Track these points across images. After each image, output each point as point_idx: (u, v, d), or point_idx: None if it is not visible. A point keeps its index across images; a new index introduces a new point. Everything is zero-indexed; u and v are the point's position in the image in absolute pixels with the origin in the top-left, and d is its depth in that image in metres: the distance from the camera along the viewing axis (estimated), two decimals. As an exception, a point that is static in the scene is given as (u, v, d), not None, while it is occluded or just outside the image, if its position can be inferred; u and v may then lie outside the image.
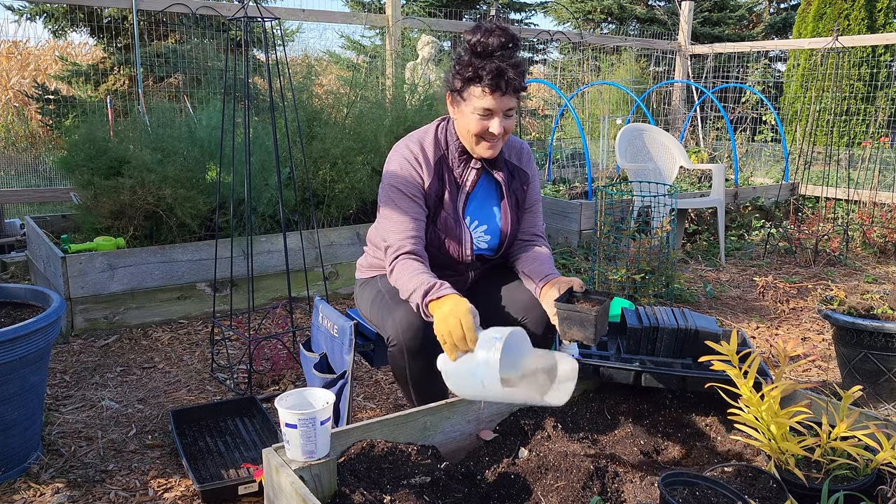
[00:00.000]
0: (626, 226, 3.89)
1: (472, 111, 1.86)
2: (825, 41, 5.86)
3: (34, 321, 1.93)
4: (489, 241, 2.05)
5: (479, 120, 1.86)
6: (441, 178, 1.97)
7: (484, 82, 1.81)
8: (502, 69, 1.80)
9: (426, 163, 1.95)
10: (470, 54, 1.83)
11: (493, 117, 1.86)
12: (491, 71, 1.80)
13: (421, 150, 1.96)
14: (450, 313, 1.64)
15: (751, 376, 1.62)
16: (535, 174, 2.12)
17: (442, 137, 1.99)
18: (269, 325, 3.33)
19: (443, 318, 1.64)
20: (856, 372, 2.51)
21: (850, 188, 6.02)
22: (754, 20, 15.47)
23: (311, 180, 3.72)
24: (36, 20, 7.89)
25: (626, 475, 1.67)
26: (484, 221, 2.04)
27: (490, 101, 1.83)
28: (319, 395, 1.60)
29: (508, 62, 1.81)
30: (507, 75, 1.81)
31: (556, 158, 6.65)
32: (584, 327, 1.73)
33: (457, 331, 1.60)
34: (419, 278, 1.80)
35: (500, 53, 1.81)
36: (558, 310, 1.76)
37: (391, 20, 5.64)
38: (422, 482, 1.59)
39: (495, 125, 1.86)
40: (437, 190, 1.96)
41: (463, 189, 2.00)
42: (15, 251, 4.20)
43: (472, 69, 1.82)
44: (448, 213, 1.97)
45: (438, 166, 1.97)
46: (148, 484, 2.03)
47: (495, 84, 1.81)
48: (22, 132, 8.66)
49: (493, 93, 1.82)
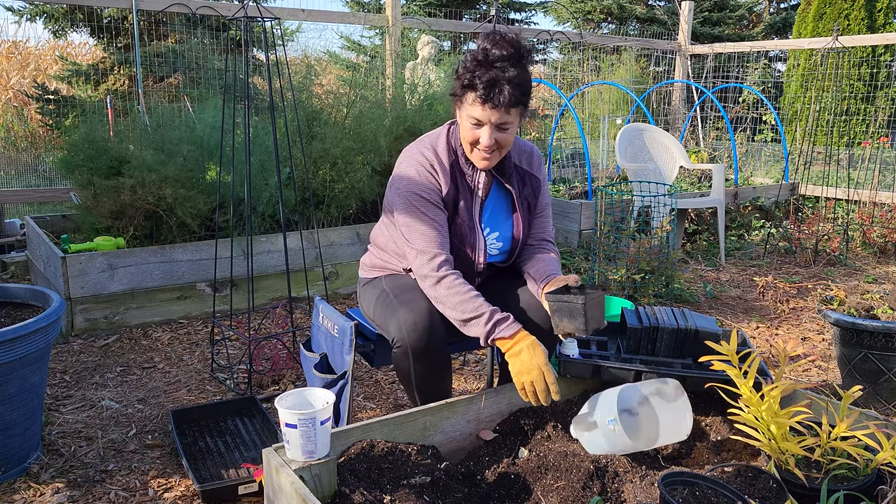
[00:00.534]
0: (626, 226, 3.89)
1: (466, 118, 1.84)
2: (825, 41, 5.86)
3: (34, 321, 1.93)
4: (500, 248, 2.05)
5: (471, 128, 1.84)
6: (456, 183, 1.94)
7: (477, 91, 1.78)
8: (497, 80, 1.77)
9: (442, 169, 1.92)
10: (473, 61, 1.80)
11: (482, 127, 1.83)
12: (486, 81, 1.77)
13: (436, 157, 1.93)
14: (532, 365, 1.70)
15: (751, 376, 1.62)
16: (545, 178, 2.11)
17: (453, 141, 1.97)
18: (269, 325, 3.33)
19: (525, 369, 1.72)
20: (856, 372, 2.51)
21: (850, 188, 6.02)
22: (754, 20, 15.47)
23: (310, 180, 3.72)
24: (36, 20, 7.89)
25: (626, 475, 1.67)
26: (496, 229, 2.03)
27: (479, 111, 1.80)
28: (319, 395, 1.60)
29: (507, 75, 1.77)
30: (502, 88, 1.77)
31: (556, 158, 6.65)
32: (574, 317, 1.72)
33: (540, 384, 1.72)
34: (477, 303, 1.78)
35: (500, 65, 1.78)
36: (549, 301, 1.77)
37: (391, 20, 5.64)
38: (422, 482, 1.59)
39: (484, 136, 1.83)
40: (454, 196, 1.93)
41: (476, 195, 1.98)
42: (15, 251, 4.20)
43: (469, 76, 1.80)
44: (463, 221, 1.95)
45: (453, 172, 1.94)
46: (148, 484, 2.03)
47: (487, 95, 1.77)
48: (22, 132, 8.66)
49: (485, 103, 1.78)
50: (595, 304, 1.75)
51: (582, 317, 1.70)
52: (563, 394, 2.01)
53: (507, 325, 1.76)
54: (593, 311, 1.74)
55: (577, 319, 1.72)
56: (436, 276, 1.83)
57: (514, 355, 1.75)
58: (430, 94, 4.59)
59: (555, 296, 1.76)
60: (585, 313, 1.70)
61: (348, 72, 6.23)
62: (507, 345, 1.76)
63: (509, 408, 1.95)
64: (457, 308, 1.80)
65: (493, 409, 1.92)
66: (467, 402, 1.87)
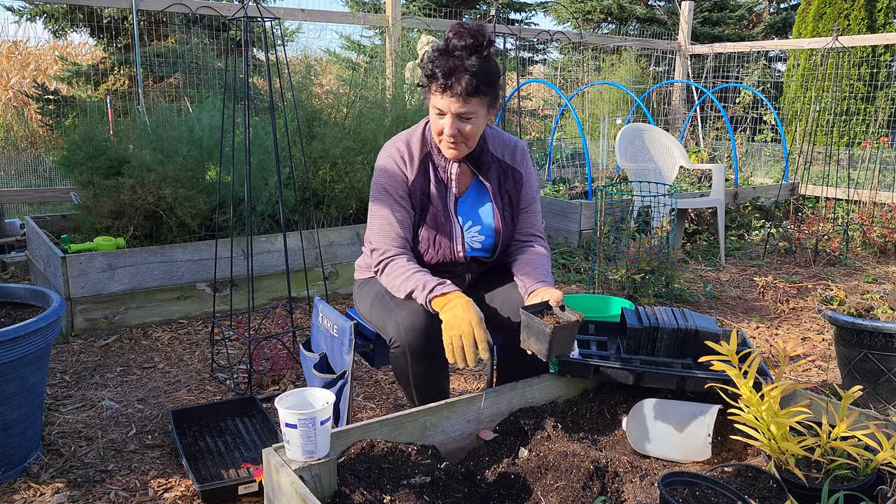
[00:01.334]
0: (626, 226, 3.89)
1: (432, 108, 1.87)
2: (825, 41, 5.86)
3: (34, 321, 1.93)
4: (483, 242, 2.04)
5: (436, 118, 1.87)
6: (426, 174, 1.97)
7: (438, 81, 1.80)
8: (455, 69, 1.78)
9: (410, 159, 1.96)
10: (435, 51, 1.84)
11: (444, 117, 1.85)
12: (445, 70, 1.78)
13: (406, 147, 1.97)
14: (463, 320, 1.69)
15: (751, 376, 1.62)
16: (531, 173, 2.10)
17: (428, 134, 2.00)
18: (269, 325, 3.33)
19: (455, 323, 1.71)
20: (856, 372, 2.51)
21: (850, 188, 6.02)
22: (754, 20, 15.46)
23: (310, 180, 3.72)
24: (36, 20, 7.89)
25: (626, 475, 1.66)
26: (477, 222, 2.04)
27: (439, 100, 1.82)
28: (319, 395, 1.60)
29: (466, 63, 1.78)
30: (460, 77, 1.78)
31: (556, 158, 6.65)
32: (540, 340, 1.71)
33: (468, 339, 1.70)
34: (417, 276, 1.83)
35: (458, 54, 1.80)
36: (521, 315, 1.75)
37: (391, 20, 5.64)
38: (422, 482, 1.59)
39: (446, 126, 1.84)
40: (422, 186, 1.96)
41: (451, 186, 2.00)
42: (15, 251, 4.20)
43: (430, 66, 1.82)
44: (437, 209, 1.97)
45: (423, 163, 1.97)
46: (148, 484, 2.03)
47: (446, 84, 1.79)
48: (22, 132, 8.66)
49: (444, 92, 1.80)
50: (565, 333, 1.71)
51: (547, 342, 1.69)
52: (563, 394, 2.01)
53: (445, 286, 1.79)
54: (561, 339, 1.71)
55: (541, 343, 1.70)
56: (381, 265, 1.90)
57: (447, 311, 1.75)
58: (430, 93, 4.58)
59: (528, 313, 1.74)
60: (550, 340, 1.68)
61: (348, 72, 6.23)
62: (442, 302, 1.77)
63: (509, 408, 1.95)
64: (402, 286, 1.84)
65: (493, 409, 1.92)
66: (467, 402, 1.87)
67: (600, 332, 2.28)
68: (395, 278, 1.87)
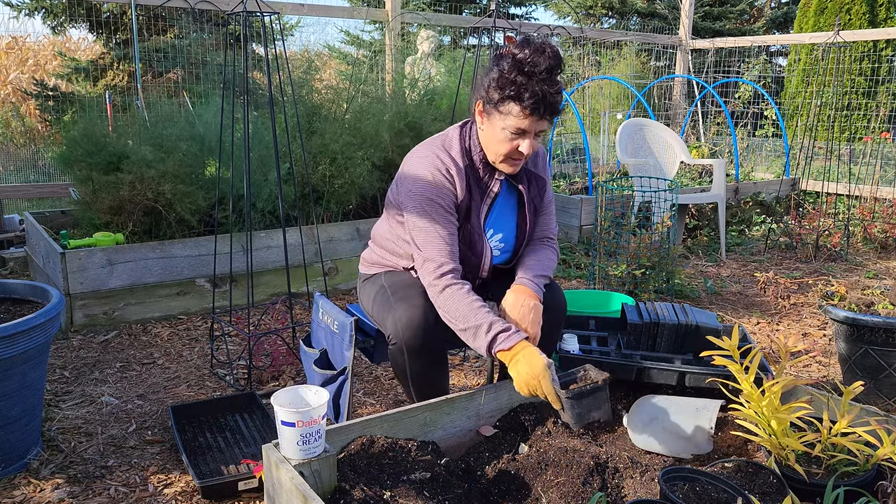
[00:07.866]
0: (626, 221, 3.89)
1: (504, 128, 1.81)
2: (826, 36, 5.84)
3: (33, 317, 1.92)
4: (502, 249, 2.04)
5: (510, 138, 1.82)
6: (470, 190, 1.92)
7: (524, 103, 1.76)
8: (545, 93, 1.75)
9: (458, 175, 1.90)
10: (515, 71, 1.77)
11: (524, 138, 1.82)
12: (534, 94, 1.75)
13: (452, 162, 1.90)
14: (530, 376, 1.67)
15: (752, 372, 1.62)
16: (549, 178, 2.10)
17: (467, 146, 1.94)
18: (269, 321, 3.33)
19: (522, 381, 1.69)
20: (856, 368, 2.51)
21: (852, 183, 6.01)
22: (755, 15, 15.42)
23: (310, 175, 3.71)
24: (34, 16, 7.86)
25: (627, 471, 1.66)
26: (500, 230, 2.02)
27: (526, 123, 1.78)
28: (313, 392, 1.60)
29: (553, 87, 1.77)
30: (549, 100, 1.77)
31: (556, 154, 6.64)
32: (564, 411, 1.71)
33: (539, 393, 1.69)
34: (481, 314, 1.76)
35: (545, 76, 1.76)
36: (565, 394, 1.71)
37: (391, 15, 5.63)
38: (422, 478, 1.59)
39: (525, 146, 1.82)
40: (466, 202, 1.91)
41: (487, 198, 1.97)
42: (14, 247, 4.20)
43: (514, 87, 1.76)
44: (473, 227, 1.93)
45: (467, 179, 1.91)
46: (148, 479, 2.03)
47: (535, 107, 1.76)
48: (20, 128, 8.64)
49: (531, 115, 1.77)
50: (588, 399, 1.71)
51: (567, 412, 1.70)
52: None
53: (509, 337, 1.73)
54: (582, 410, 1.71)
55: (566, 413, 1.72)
56: (440, 284, 1.81)
57: (513, 367, 1.73)
58: (431, 89, 4.57)
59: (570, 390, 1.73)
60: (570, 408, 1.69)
61: (348, 67, 6.22)
62: (507, 357, 1.74)
63: (509, 404, 1.95)
64: (459, 319, 1.77)
65: (493, 405, 1.92)
66: (467, 398, 1.86)
67: (601, 328, 2.28)
68: (454, 304, 1.79)
